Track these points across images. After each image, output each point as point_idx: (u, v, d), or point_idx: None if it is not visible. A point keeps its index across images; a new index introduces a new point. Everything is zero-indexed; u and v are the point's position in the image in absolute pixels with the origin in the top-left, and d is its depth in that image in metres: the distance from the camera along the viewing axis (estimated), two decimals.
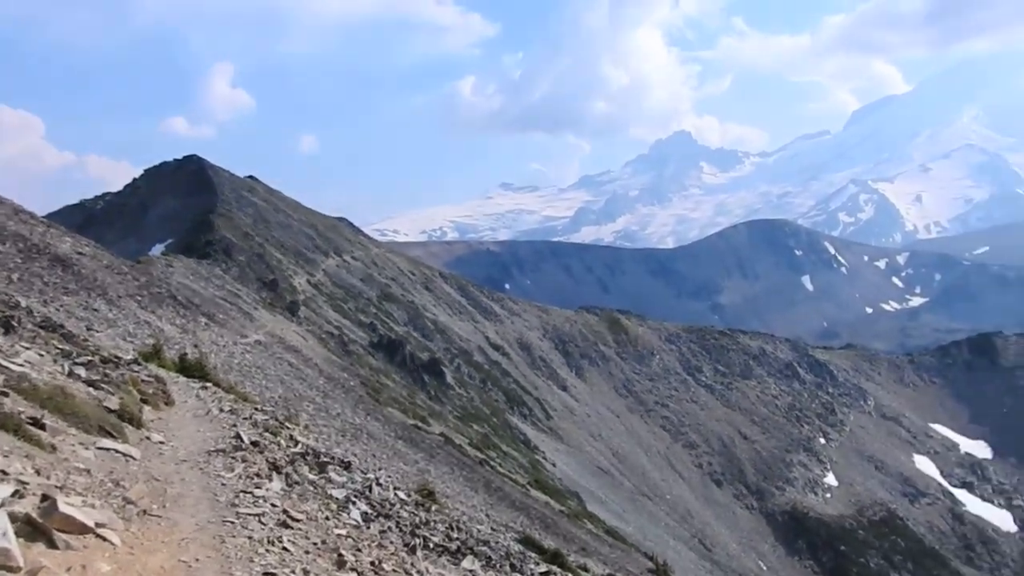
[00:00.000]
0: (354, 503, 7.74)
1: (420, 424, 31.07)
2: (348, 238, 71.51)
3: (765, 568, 57.33)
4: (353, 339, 46.03)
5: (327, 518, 6.59)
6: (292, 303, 43.93)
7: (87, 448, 6.15)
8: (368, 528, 7.11)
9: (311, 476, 8.00)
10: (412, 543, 7.40)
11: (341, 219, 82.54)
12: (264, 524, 5.80)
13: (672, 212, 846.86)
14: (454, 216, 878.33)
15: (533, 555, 12.55)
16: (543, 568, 10.43)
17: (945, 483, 74.03)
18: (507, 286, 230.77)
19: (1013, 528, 70.86)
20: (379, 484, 9.95)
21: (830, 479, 70.09)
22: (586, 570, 15.61)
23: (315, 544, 5.75)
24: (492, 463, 32.71)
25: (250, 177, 73.21)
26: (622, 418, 67.99)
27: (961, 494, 73.06)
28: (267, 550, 5.31)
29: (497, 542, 11.73)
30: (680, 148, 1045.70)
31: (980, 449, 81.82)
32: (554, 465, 47.24)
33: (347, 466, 9.97)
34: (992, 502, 73.54)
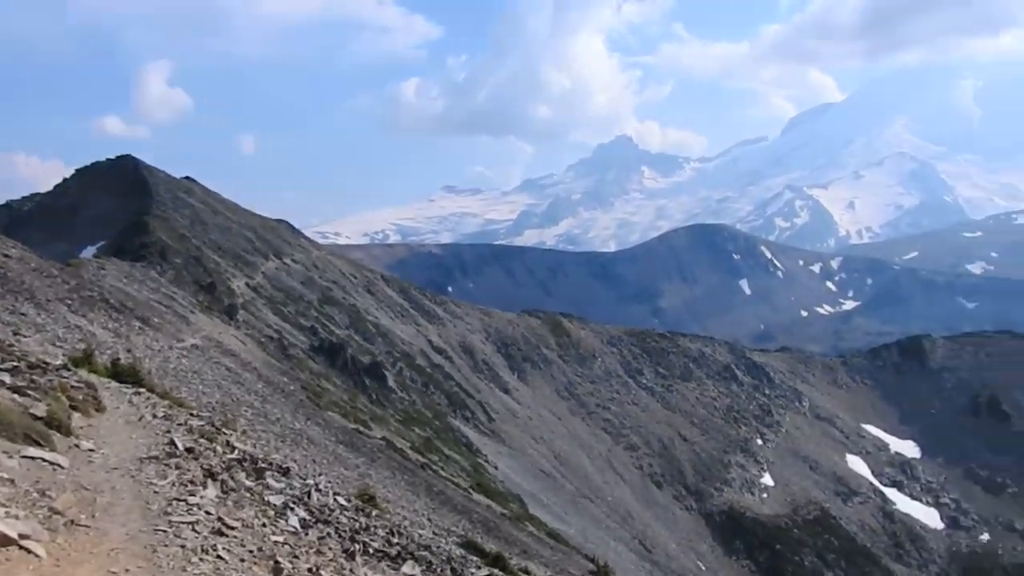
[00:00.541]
0: (292, 509, 7.63)
1: (361, 428, 30.77)
2: (288, 240, 70.52)
3: (704, 568, 58.18)
4: (293, 343, 45.40)
5: (264, 525, 6.49)
6: (230, 306, 43.14)
7: (11, 457, 5.94)
8: (306, 535, 7.01)
9: (248, 483, 7.86)
10: (351, 549, 7.32)
11: (281, 221, 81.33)
12: (198, 532, 5.68)
13: (614, 216, 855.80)
14: (396, 219, 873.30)
15: (475, 559, 12.53)
16: (484, 571, 10.42)
17: (876, 482, 76.12)
18: (450, 289, 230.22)
19: (940, 525, 73.22)
20: (319, 490, 9.82)
21: (767, 479, 71.49)
22: (528, 572, 15.65)
23: (251, 552, 5.65)
24: (434, 467, 32.57)
25: (187, 178, 71.68)
26: (564, 420, 68.37)
27: (891, 493, 75.22)
28: (201, 559, 5.21)
29: (439, 546, 11.68)
30: (622, 152, 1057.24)
31: (909, 449, 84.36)
32: (496, 468, 47.26)
33: (286, 472, 9.82)
34: (920, 500, 75.87)
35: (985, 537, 72.72)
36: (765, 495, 69.59)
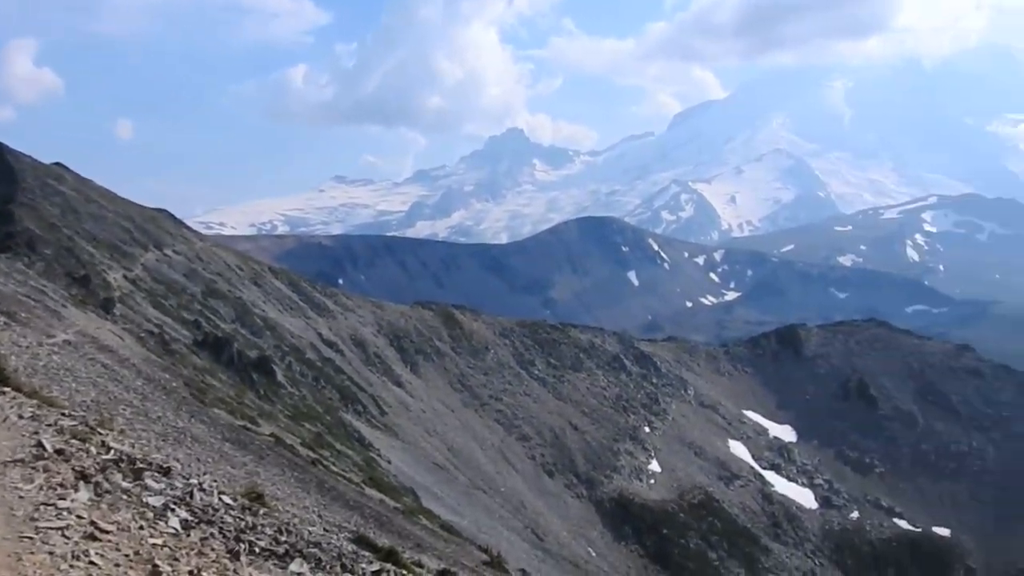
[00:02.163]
0: (173, 510, 7.32)
1: (249, 425, 29.90)
2: (170, 231, 67.68)
3: (594, 554, 59.43)
4: (175, 337, 43.64)
5: (141, 528, 6.19)
6: (106, 300, 41.06)
7: None
8: (188, 536, 6.73)
9: (125, 484, 7.49)
10: (236, 549, 7.08)
11: (161, 211, 77.91)
12: (68, 538, 5.36)
13: (506, 208, 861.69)
14: (284, 209, 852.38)
15: (367, 554, 12.36)
16: (376, 567, 10.29)
17: (756, 466, 79.51)
18: (340, 281, 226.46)
19: (814, 505, 77.19)
20: (202, 489, 9.46)
21: (654, 466, 73.57)
22: (420, 566, 15.56)
23: (127, 556, 5.38)
24: (325, 462, 31.98)
25: (57, 164, 67.66)
26: (457, 413, 68.41)
27: (770, 475, 78.74)
28: (71, 565, 4.92)
29: (329, 543, 11.46)
30: (514, 145, 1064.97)
31: (786, 433, 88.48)
32: (389, 462, 46.85)
33: (166, 472, 9.41)
34: (796, 482, 79.74)
35: (855, 515, 77.15)
36: (652, 481, 71.60)
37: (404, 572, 11.72)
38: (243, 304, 58.90)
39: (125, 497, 6.93)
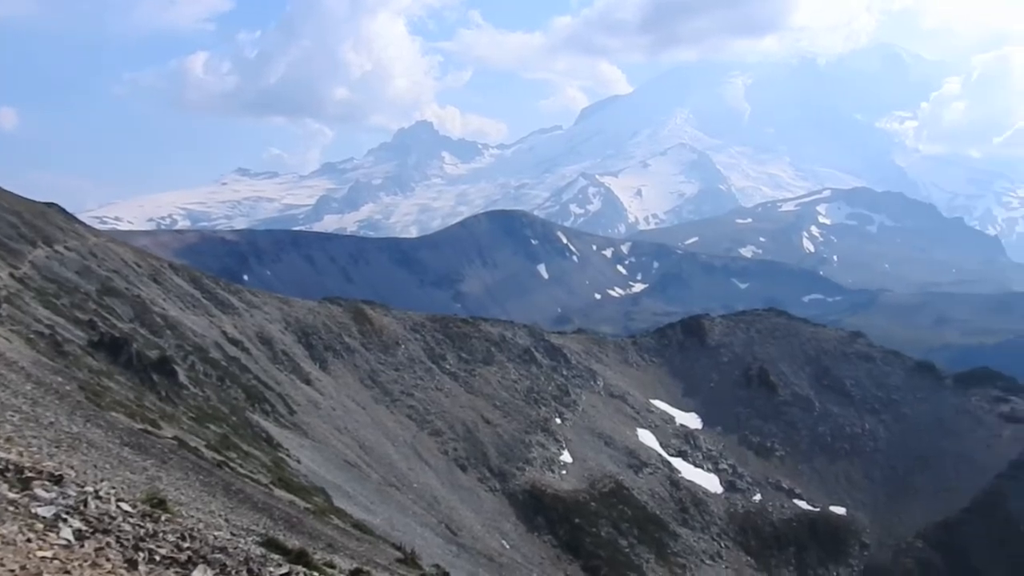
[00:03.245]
0: (65, 520, 6.94)
1: (150, 428, 28.78)
2: (61, 226, 64.48)
3: (508, 546, 59.74)
4: (69, 339, 41.63)
5: (30, 540, 5.84)
6: None
7: None
8: (81, 547, 6.39)
9: (11, 495, 7.06)
10: (134, 558, 6.75)
11: (52, 205, 74.08)
12: None
13: (415, 201, 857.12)
14: (185, 203, 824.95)
15: (276, 556, 12.04)
16: (284, 569, 10.02)
17: (664, 453, 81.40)
18: (245, 277, 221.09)
19: (719, 490, 79.59)
20: (98, 497, 9.02)
21: (565, 456, 74.43)
22: (332, 566, 15.28)
23: (12, 571, 5.06)
24: (232, 464, 31.10)
25: None
26: (368, 409, 67.62)
27: (677, 462, 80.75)
28: None
29: (236, 547, 11.10)
30: (423, 138, 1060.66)
31: (692, 420, 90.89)
32: (299, 462, 45.93)
33: (58, 480, 8.94)
34: (702, 467, 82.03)
35: (758, 497, 79.93)
36: (564, 472, 72.43)
37: (315, 573, 11.48)
38: (142, 302, 56.65)
39: (12, 508, 6.54)
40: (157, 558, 7.26)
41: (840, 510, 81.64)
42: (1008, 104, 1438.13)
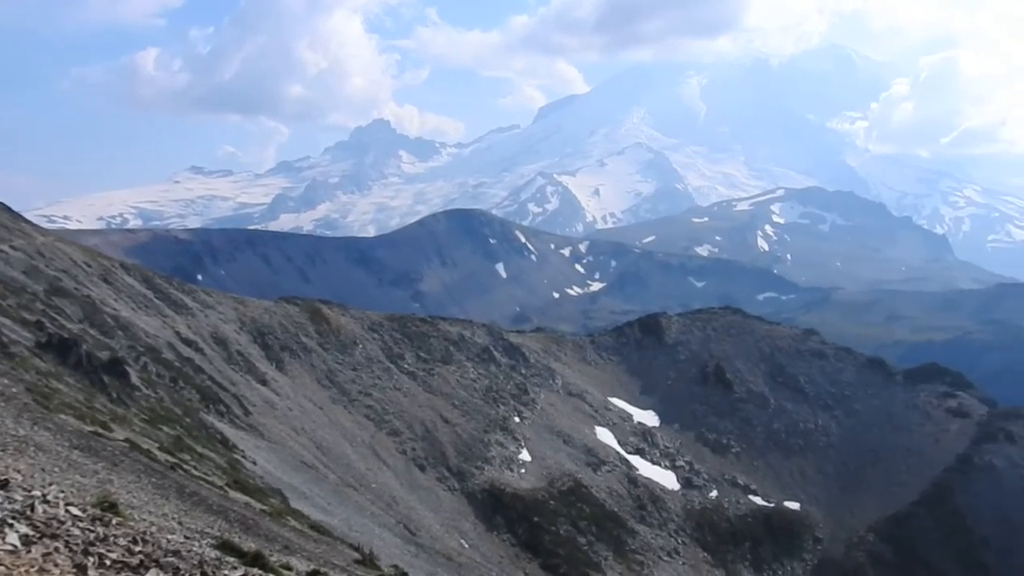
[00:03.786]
0: (11, 526, 6.77)
1: (100, 430, 28.17)
2: (6, 225, 62.81)
3: (467, 545, 59.66)
4: (15, 340, 40.58)
5: None
6: None
7: None
8: (28, 552, 6.23)
9: None
10: (83, 563, 6.60)
11: None
12: None
13: (372, 200, 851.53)
14: (136, 201, 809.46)
15: (231, 559, 11.87)
16: (240, 572, 9.90)
17: (622, 451, 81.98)
18: (199, 277, 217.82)
19: (676, 486, 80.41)
20: (46, 501, 8.81)
21: (524, 455, 74.57)
22: (289, 568, 15.11)
23: None
24: (186, 467, 30.58)
25: None
26: (325, 410, 67.02)
27: (635, 460, 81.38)
28: None
29: (190, 550, 10.92)
30: (380, 136, 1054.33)
31: (650, 418, 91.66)
32: (255, 463, 45.35)
33: (4, 484, 8.72)
34: (660, 464, 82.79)
35: (714, 494, 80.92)
36: (523, 470, 72.56)
37: (271, 575, 11.34)
38: (92, 303, 55.46)
39: None
40: (108, 563, 7.11)
41: (794, 505, 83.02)
42: (955, 105, 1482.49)
